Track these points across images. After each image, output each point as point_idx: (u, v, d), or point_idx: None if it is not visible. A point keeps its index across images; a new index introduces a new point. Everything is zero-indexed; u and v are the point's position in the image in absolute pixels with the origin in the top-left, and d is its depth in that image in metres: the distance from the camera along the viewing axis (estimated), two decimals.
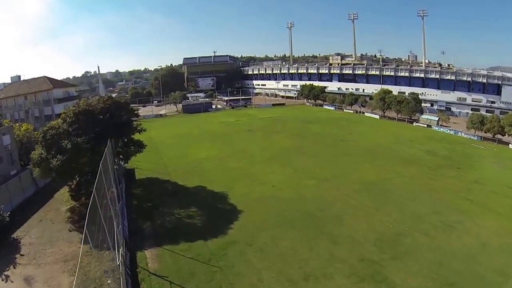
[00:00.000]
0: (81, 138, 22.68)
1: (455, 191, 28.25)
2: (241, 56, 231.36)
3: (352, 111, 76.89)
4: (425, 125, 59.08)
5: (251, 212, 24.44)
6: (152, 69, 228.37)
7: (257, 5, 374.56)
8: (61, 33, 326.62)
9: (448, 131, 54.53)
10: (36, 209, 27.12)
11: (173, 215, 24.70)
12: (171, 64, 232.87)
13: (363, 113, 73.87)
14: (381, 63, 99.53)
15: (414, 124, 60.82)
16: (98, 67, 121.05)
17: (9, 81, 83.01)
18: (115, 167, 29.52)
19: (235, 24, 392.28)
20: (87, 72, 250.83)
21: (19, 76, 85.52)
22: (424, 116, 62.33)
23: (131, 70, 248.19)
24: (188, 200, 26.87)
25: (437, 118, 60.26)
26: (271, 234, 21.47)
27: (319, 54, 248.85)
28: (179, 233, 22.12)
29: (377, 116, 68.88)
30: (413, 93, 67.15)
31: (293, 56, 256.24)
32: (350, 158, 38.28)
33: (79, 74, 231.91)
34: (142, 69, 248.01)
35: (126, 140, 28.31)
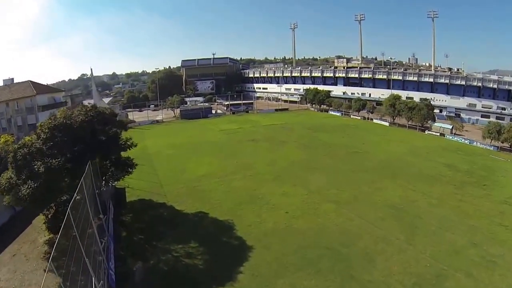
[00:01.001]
0: (57, 160, 18.43)
1: (487, 214, 25.14)
2: (241, 58, 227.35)
3: (359, 118, 73.35)
4: (438, 134, 55.89)
5: (263, 250, 20.24)
6: (150, 71, 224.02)
7: (256, 6, 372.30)
8: (57, 35, 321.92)
9: (463, 140, 51.48)
10: (10, 240, 22.99)
11: (169, 252, 20.44)
12: (169, 67, 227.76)
13: (372, 119, 70.47)
14: (383, 66, 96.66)
15: (426, 132, 57.54)
16: (92, 69, 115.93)
17: (1, 83, 79.02)
18: (102, 188, 25.35)
19: (234, 26, 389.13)
20: (83, 74, 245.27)
21: (12, 79, 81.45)
22: (437, 124, 59.14)
23: (129, 72, 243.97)
24: (187, 232, 22.58)
25: (450, 127, 57.11)
26: (290, 282, 17.37)
27: (319, 57, 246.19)
28: (177, 278, 18.01)
29: (386, 123, 65.43)
30: (425, 99, 64.00)
31: (291, 59, 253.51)
32: (368, 174, 34.25)
33: (75, 76, 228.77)
34: (140, 71, 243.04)
35: (113, 159, 23.77)
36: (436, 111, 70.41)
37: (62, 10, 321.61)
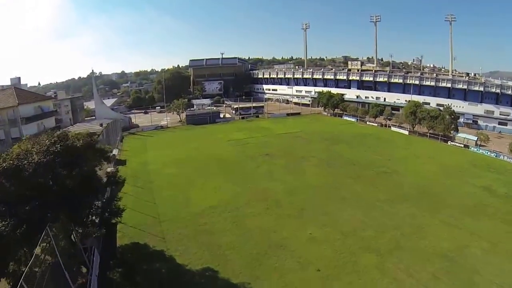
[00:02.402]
0: (4, 222, 12.95)
1: None
2: (248, 57, 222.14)
3: (376, 125, 68.17)
4: (462, 145, 51.26)
5: None
6: (159, 70, 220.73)
7: (264, 7, 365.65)
8: (68, 34, 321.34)
9: (488, 153, 46.77)
10: None
11: None
12: (178, 65, 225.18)
13: (389, 126, 65.44)
14: (399, 69, 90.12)
15: (449, 143, 52.85)
16: (93, 70, 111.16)
17: (8, 83, 75.22)
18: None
19: (242, 25, 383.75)
20: (92, 73, 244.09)
21: (19, 78, 77.62)
22: (460, 135, 54.59)
23: (138, 71, 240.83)
24: None
25: (475, 138, 52.19)
26: None
27: (326, 57, 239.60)
28: None
29: (405, 132, 60.70)
30: (448, 108, 59.15)
31: (299, 58, 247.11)
32: (405, 206, 28.55)
33: (84, 75, 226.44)
34: (149, 69, 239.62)
35: (92, 209, 17.78)
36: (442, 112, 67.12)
37: (74, 9, 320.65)
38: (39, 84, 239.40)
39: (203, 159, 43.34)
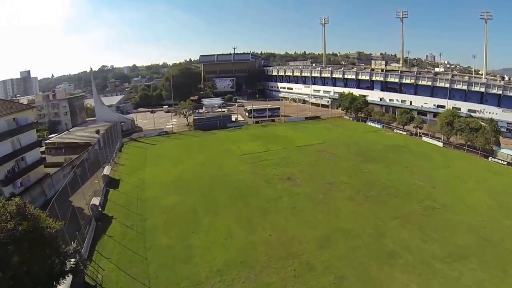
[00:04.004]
0: None
1: None
2: (261, 52, 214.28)
3: (405, 133, 60.87)
4: (505, 163, 44.35)
5: None
6: (171, 64, 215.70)
7: (276, 1, 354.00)
8: (81, 28, 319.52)
9: None
10: None
11: None
12: (190, 59, 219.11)
13: (420, 136, 57.94)
14: (416, 69, 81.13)
15: (490, 159, 45.81)
16: (91, 68, 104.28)
17: (18, 76, 70.91)
18: None
19: (254, 20, 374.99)
20: (103, 66, 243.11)
21: (29, 71, 73.04)
22: (504, 151, 47.17)
23: (149, 64, 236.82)
24: None
25: None
26: None
27: (339, 52, 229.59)
28: None
29: (439, 144, 53.53)
30: (491, 120, 51.78)
31: (313, 53, 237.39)
32: (468, 268, 21.10)
33: (96, 68, 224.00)
34: (161, 63, 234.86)
35: None
36: (484, 123, 59.99)
37: (87, 3, 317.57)
38: (52, 76, 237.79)
39: (211, 181, 36.25)
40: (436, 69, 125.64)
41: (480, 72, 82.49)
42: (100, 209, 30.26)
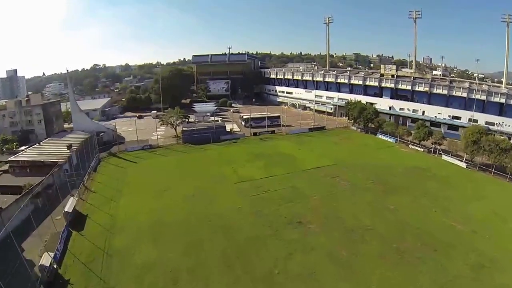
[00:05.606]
0: None
1: None
2: (257, 52, 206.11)
3: (421, 149, 54.18)
4: None
5: None
6: (165, 63, 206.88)
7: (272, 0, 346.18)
8: (75, 26, 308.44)
9: None
10: None
11: None
12: (184, 59, 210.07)
13: (440, 153, 50.93)
14: (430, 76, 74.00)
15: None
16: (67, 70, 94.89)
17: (4, 75, 62.39)
18: None
19: (250, 20, 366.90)
20: (95, 64, 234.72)
21: (15, 70, 64.48)
22: None
23: (142, 64, 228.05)
24: None
25: None
26: None
27: (336, 54, 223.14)
28: None
29: (462, 164, 46.69)
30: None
31: (309, 54, 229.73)
32: None
33: (88, 66, 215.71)
34: (154, 62, 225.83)
35: None
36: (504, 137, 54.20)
37: (81, 1, 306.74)
38: (43, 74, 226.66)
39: (200, 227, 28.30)
40: (435, 72, 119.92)
41: (492, 80, 75.17)
42: (54, 267, 22.46)
